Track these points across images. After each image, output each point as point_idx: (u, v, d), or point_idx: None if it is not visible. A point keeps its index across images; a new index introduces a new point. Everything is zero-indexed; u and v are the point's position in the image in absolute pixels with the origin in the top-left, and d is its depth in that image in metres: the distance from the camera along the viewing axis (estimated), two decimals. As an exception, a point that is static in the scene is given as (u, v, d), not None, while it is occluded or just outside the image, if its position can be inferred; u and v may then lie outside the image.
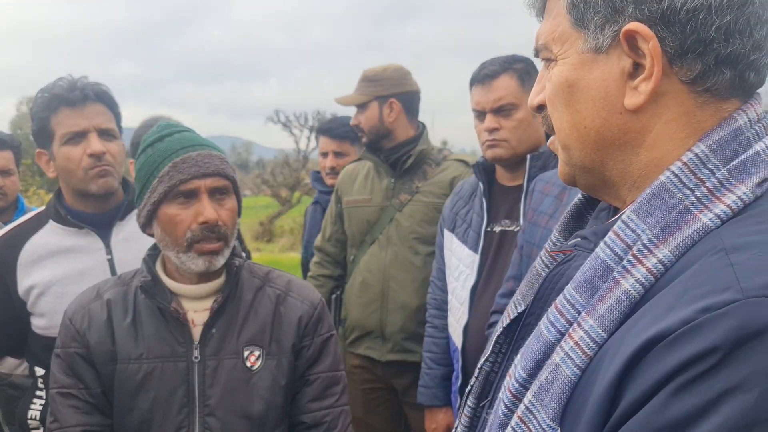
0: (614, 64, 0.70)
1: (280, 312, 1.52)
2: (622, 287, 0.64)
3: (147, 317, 1.46)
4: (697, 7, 0.65)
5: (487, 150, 2.10)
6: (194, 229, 1.40)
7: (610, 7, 0.69)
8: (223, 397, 1.43)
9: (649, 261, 0.64)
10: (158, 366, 1.43)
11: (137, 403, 1.42)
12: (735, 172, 0.65)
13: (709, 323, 0.54)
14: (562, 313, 0.68)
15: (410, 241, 2.53)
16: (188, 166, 1.39)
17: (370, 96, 2.60)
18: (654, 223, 0.65)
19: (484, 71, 2.10)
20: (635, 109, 0.69)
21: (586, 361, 0.63)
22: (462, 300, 2.14)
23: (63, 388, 1.45)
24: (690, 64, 0.67)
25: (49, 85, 1.82)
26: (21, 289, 1.80)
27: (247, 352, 1.47)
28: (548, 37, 0.77)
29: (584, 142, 0.75)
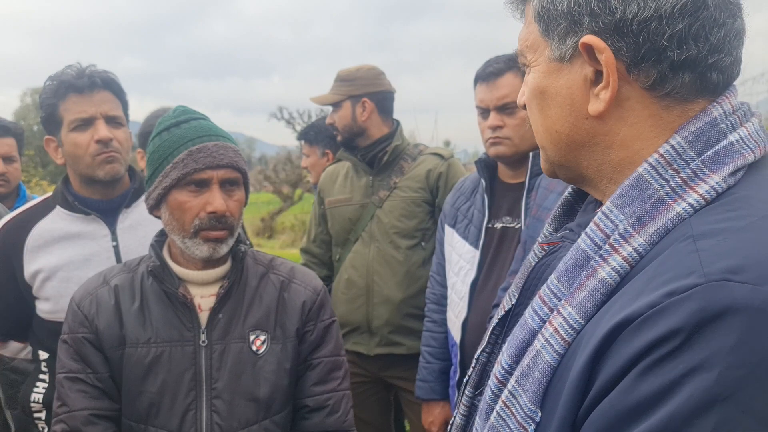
0: (578, 73, 0.74)
1: (284, 298, 1.56)
2: (599, 275, 0.67)
3: (154, 302, 1.49)
4: (648, 17, 0.68)
5: (490, 147, 2.12)
6: (202, 217, 1.44)
7: (570, 19, 0.72)
8: (230, 380, 1.46)
9: (625, 250, 0.67)
10: (166, 350, 1.46)
11: (146, 387, 1.45)
12: (709, 162, 0.68)
13: (672, 306, 0.57)
14: (545, 301, 0.72)
15: (391, 236, 2.58)
16: (203, 156, 1.42)
17: (343, 95, 2.66)
18: (631, 213, 0.68)
19: (489, 69, 2.11)
20: (599, 114, 0.73)
21: (564, 347, 0.67)
22: (461, 295, 2.16)
23: (71, 372, 1.47)
24: (646, 71, 0.70)
25: (58, 72, 1.84)
26: (27, 273, 1.83)
27: (252, 336, 1.50)
28: (523, 44, 0.81)
29: (557, 144, 0.79)
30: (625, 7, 0.68)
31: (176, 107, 1.55)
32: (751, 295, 0.56)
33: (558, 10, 0.73)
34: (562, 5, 0.72)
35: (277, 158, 20.67)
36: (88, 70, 1.83)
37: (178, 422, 1.43)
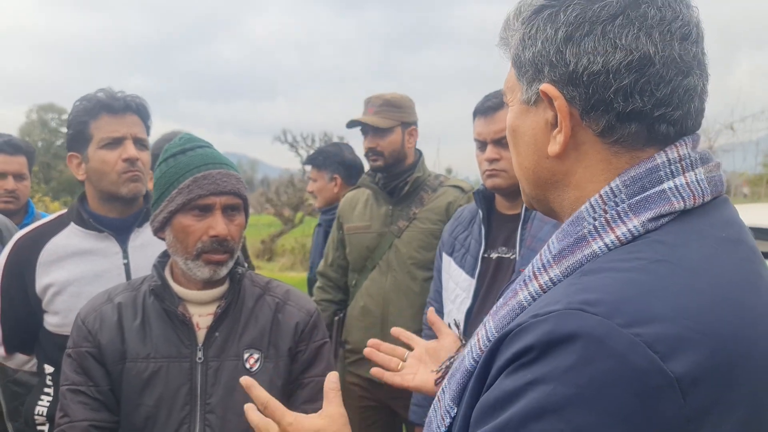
0: (541, 116, 0.81)
1: (278, 318, 1.62)
2: (517, 298, 0.77)
3: (155, 320, 1.56)
4: (597, 71, 0.74)
5: (487, 179, 2.18)
6: (205, 240, 1.51)
7: (534, 67, 0.80)
8: (224, 396, 1.52)
9: (542, 278, 0.75)
10: (164, 365, 1.52)
11: (143, 400, 1.50)
12: (634, 206, 0.73)
13: (532, 326, 0.67)
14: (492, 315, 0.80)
15: (408, 266, 2.61)
16: (208, 182, 1.50)
17: (396, 121, 2.69)
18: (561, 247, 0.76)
19: (488, 103, 2.18)
20: (556, 155, 0.80)
21: (480, 355, 0.75)
22: (457, 323, 2.20)
23: (73, 385, 1.53)
24: (596, 120, 0.76)
25: (90, 94, 1.94)
26: (38, 286, 1.89)
27: (247, 354, 1.56)
28: (506, 84, 0.90)
29: (527, 179, 0.87)
30: (578, 60, 0.75)
31: (182, 135, 1.63)
32: (596, 325, 0.63)
33: (526, 58, 0.80)
34: (528, 54, 0.80)
35: (279, 181, 20.77)
36: (120, 93, 1.93)
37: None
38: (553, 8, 0.78)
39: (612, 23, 0.74)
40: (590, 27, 0.75)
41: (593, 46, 0.74)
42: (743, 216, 0.82)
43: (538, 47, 0.78)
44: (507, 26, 0.87)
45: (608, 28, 0.74)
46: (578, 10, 0.75)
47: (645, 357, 0.61)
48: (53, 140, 35.57)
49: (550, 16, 0.78)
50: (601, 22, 0.74)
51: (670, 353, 0.61)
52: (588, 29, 0.75)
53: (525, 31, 0.81)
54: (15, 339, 1.97)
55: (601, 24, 0.74)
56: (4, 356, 2.00)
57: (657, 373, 0.60)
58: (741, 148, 10.67)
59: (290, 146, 20.35)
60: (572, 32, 0.76)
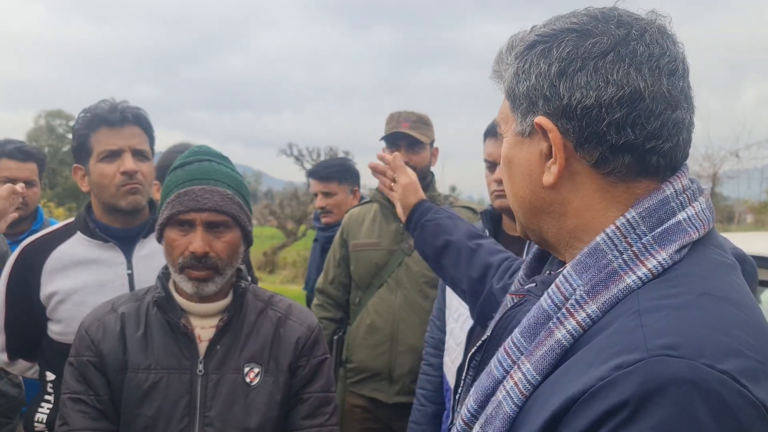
0: (535, 147, 0.84)
1: (279, 333, 1.62)
2: (555, 336, 0.75)
3: (157, 331, 1.56)
4: (590, 105, 0.77)
5: (495, 199, 2.19)
6: (186, 255, 1.52)
7: (529, 101, 0.83)
8: (223, 409, 1.52)
9: (579, 315, 0.74)
10: (164, 376, 1.52)
11: (143, 410, 1.50)
12: (659, 238, 0.75)
13: (620, 380, 0.64)
14: (508, 353, 0.78)
15: (420, 284, 2.59)
16: (188, 199, 1.51)
17: (429, 138, 2.70)
18: (588, 280, 0.76)
19: None
20: (550, 185, 0.82)
21: (522, 400, 0.73)
22: (459, 341, 2.19)
23: (74, 393, 1.53)
24: (590, 151, 0.79)
25: (92, 105, 1.94)
26: (43, 294, 1.89)
27: (247, 368, 1.56)
28: (499, 115, 0.92)
29: (522, 208, 0.89)
30: (571, 94, 0.78)
31: (195, 147, 1.64)
32: (687, 369, 0.62)
33: (520, 91, 0.83)
34: (522, 88, 0.83)
35: (283, 193, 20.81)
36: (120, 105, 1.93)
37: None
38: (545, 44, 0.81)
39: (603, 59, 0.77)
40: (582, 62, 0.78)
41: (586, 80, 0.77)
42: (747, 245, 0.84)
43: (532, 81, 0.81)
44: (500, 60, 0.90)
45: (600, 63, 0.77)
46: (570, 46, 0.79)
47: (737, 392, 0.62)
48: (60, 146, 35.75)
49: (543, 52, 0.81)
50: (593, 58, 0.77)
51: (752, 385, 0.63)
52: (580, 65, 0.78)
53: (519, 66, 0.83)
54: (18, 346, 1.97)
55: (593, 60, 0.77)
56: (6, 362, 2.00)
57: (750, 405, 0.62)
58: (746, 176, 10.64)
59: (295, 159, 20.44)
60: (565, 67, 0.79)
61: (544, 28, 0.83)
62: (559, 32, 0.81)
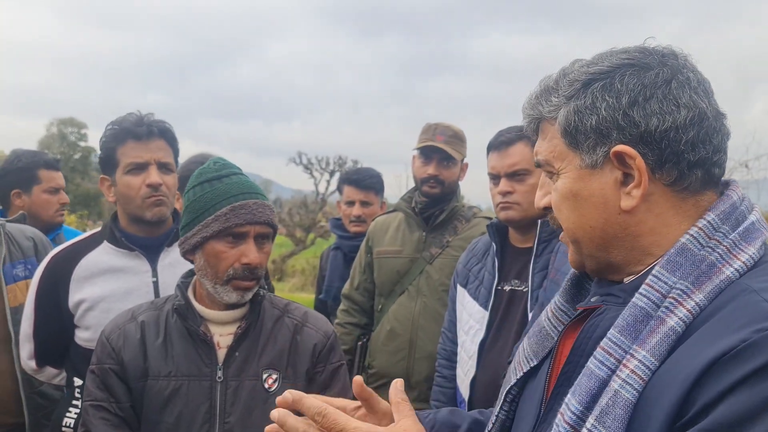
0: (608, 176, 0.89)
1: (296, 340, 1.67)
2: (668, 324, 0.80)
3: (177, 338, 1.60)
4: (668, 128, 0.85)
5: (500, 212, 2.22)
6: (237, 267, 1.56)
7: (598, 133, 0.88)
8: (243, 415, 1.56)
9: (688, 303, 0.81)
10: (185, 383, 1.56)
11: (164, 417, 1.54)
12: (744, 236, 0.85)
13: (763, 340, 0.71)
14: (609, 353, 0.83)
15: (439, 293, 2.64)
16: (245, 212, 1.55)
17: (461, 155, 2.75)
18: (685, 274, 0.83)
19: (501, 138, 2.24)
20: (630, 209, 0.88)
21: (642, 385, 0.78)
22: (471, 354, 2.22)
23: (95, 401, 1.58)
24: (669, 171, 0.86)
25: (119, 118, 2.01)
26: (71, 302, 1.95)
27: (265, 374, 1.60)
28: (548, 155, 0.96)
29: (591, 238, 0.93)
30: (648, 121, 0.85)
31: (216, 159, 1.67)
32: None
33: (587, 126, 0.88)
34: (591, 122, 0.88)
35: (292, 202, 20.90)
36: (146, 119, 1.99)
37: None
38: (603, 80, 0.88)
39: (669, 86, 0.86)
40: (651, 91, 0.86)
41: (659, 107, 0.85)
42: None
43: (602, 114, 0.87)
44: (537, 103, 0.95)
45: (666, 91, 0.86)
46: (635, 78, 0.86)
47: None
48: (72, 154, 35.95)
49: (605, 87, 0.87)
50: (659, 86, 0.86)
51: None
52: (649, 93, 0.86)
53: (579, 104, 0.89)
54: (47, 353, 2.03)
55: (659, 88, 0.86)
56: (35, 369, 2.05)
57: None
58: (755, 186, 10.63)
59: (305, 168, 20.49)
60: (635, 97, 0.86)
61: (594, 66, 0.89)
62: (616, 68, 0.88)
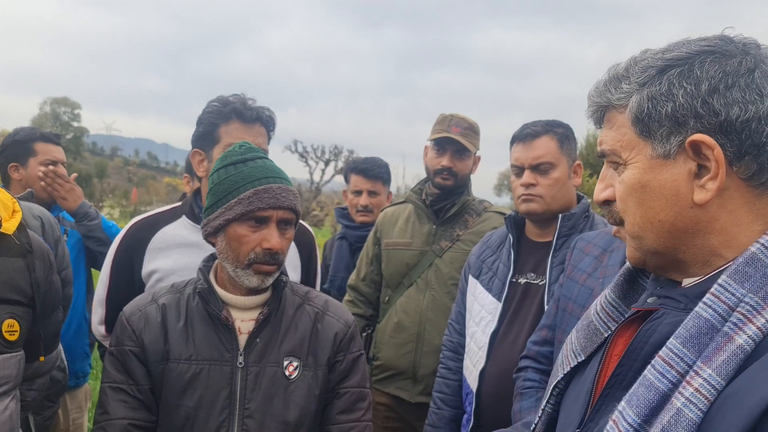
0: (682, 167, 0.84)
1: (317, 328, 1.65)
2: (736, 342, 0.75)
3: (198, 322, 1.58)
4: (750, 118, 0.80)
5: (521, 204, 2.20)
6: (258, 251, 1.54)
7: (674, 121, 0.84)
8: (263, 401, 1.53)
9: (759, 320, 0.75)
10: (206, 368, 1.53)
11: (184, 401, 1.52)
12: None
13: None
14: (671, 365, 0.78)
15: (449, 286, 2.61)
16: (268, 196, 1.53)
17: (476, 148, 2.70)
18: (755, 288, 0.77)
19: (527, 131, 2.21)
20: (703, 203, 0.83)
21: (707, 405, 0.74)
22: (481, 345, 2.21)
23: (114, 383, 1.55)
24: (748, 164, 0.81)
25: (224, 97, 2.01)
26: (145, 271, 1.95)
27: (286, 362, 1.58)
28: (615, 144, 0.91)
29: (658, 233, 0.88)
30: (728, 109, 0.80)
31: (242, 143, 1.64)
32: None
33: (661, 114, 0.84)
34: (666, 109, 0.83)
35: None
36: (254, 103, 2.00)
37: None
38: (680, 66, 0.83)
39: (752, 75, 0.81)
40: (733, 80, 0.81)
41: (741, 96, 0.80)
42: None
43: (679, 101, 0.82)
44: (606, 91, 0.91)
45: (749, 80, 0.81)
46: (716, 65, 0.82)
47: None
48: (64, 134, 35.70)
49: (683, 73, 0.83)
50: (742, 75, 0.81)
51: None
52: (731, 81, 0.81)
53: (654, 90, 0.84)
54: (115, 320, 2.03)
55: (742, 77, 0.81)
56: (104, 335, 2.04)
57: None
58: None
59: (300, 156, 20.45)
60: (716, 85, 0.81)
61: (670, 53, 0.85)
62: (696, 54, 0.83)
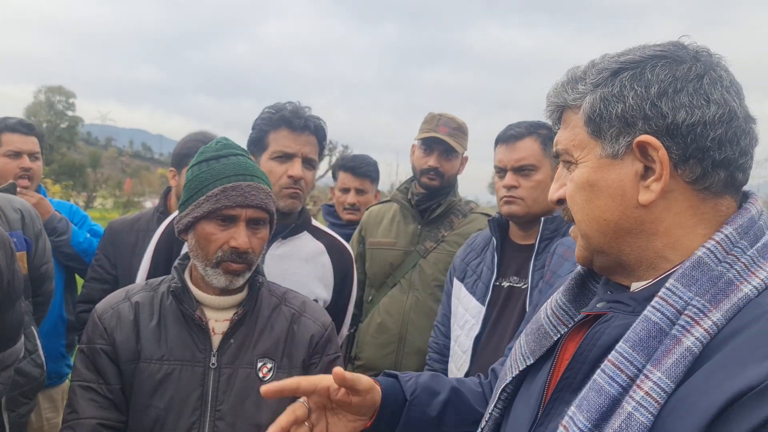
0: (629, 168, 0.86)
1: (293, 330, 1.63)
2: (684, 344, 0.76)
3: (172, 322, 1.55)
4: (696, 122, 0.82)
5: (503, 206, 2.18)
6: (225, 249, 1.52)
7: (623, 122, 0.85)
8: (235, 404, 1.52)
9: (705, 323, 0.77)
10: (177, 368, 1.51)
11: (154, 402, 1.49)
12: (762, 252, 0.81)
13: None
14: (621, 369, 0.79)
15: (432, 288, 2.60)
16: (236, 194, 1.51)
17: (463, 148, 2.68)
18: (701, 291, 0.78)
19: (510, 132, 2.19)
20: (648, 204, 0.84)
21: (658, 408, 0.74)
22: (465, 348, 2.19)
23: (84, 381, 1.53)
24: (692, 168, 0.83)
25: (279, 104, 2.03)
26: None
27: (260, 363, 1.56)
28: (568, 144, 0.92)
29: (603, 231, 0.89)
30: (675, 113, 0.82)
31: (220, 139, 1.63)
32: None
33: (612, 114, 0.85)
34: (616, 110, 0.85)
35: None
36: (305, 112, 2.00)
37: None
38: (633, 69, 0.85)
39: (700, 81, 0.83)
40: (682, 84, 0.83)
41: (689, 100, 0.82)
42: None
43: (629, 103, 0.84)
44: (563, 91, 0.92)
45: (698, 85, 0.83)
46: (666, 69, 0.83)
47: None
48: (58, 122, 35.51)
49: (634, 76, 0.85)
50: (691, 80, 0.83)
51: None
52: (680, 86, 0.83)
53: (606, 91, 0.86)
54: None
55: (690, 82, 0.83)
56: None
57: None
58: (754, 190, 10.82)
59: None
60: (665, 88, 0.83)
61: (625, 56, 0.87)
62: (648, 58, 0.85)
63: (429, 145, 2.65)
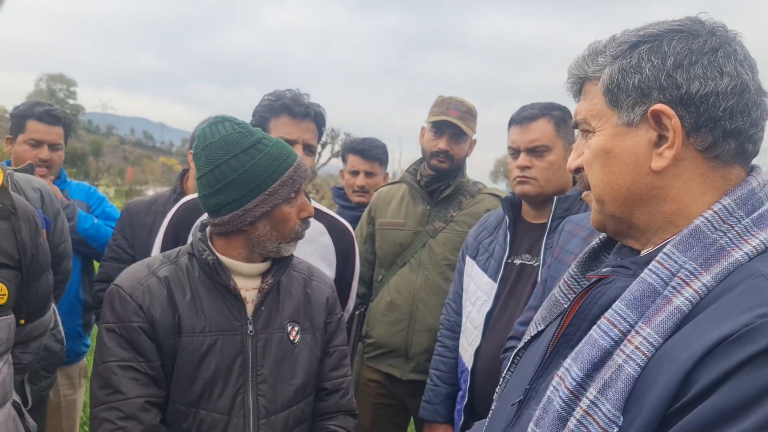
0: (643, 136, 0.90)
1: (308, 293, 1.72)
2: (674, 303, 0.82)
3: (205, 294, 1.58)
4: (708, 93, 0.86)
5: (516, 186, 2.23)
6: (299, 223, 1.64)
7: (639, 92, 0.91)
8: (273, 367, 1.60)
9: (695, 284, 0.82)
10: (219, 338, 1.55)
11: (201, 373, 1.53)
12: (756, 221, 0.85)
13: (765, 325, 0.72)
14: (614, 324, 0.85)
15: (441, 267, 2.64)
16: (303, 170, 1.61)
17: (473, 131, 2.71)
18: (695, 256, 0.84)
19: (524, 113, 2.24)
20: (660, 170, 0.90)
21: (645, 361, 0.80)
22: (476, 324, 2.24)
23: (122, 361, 1.50)
24: (704, 136, 0.88)
25: (279, 92, 2.07)
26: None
27: (289, 327, 1.65)
28: (587, 113, 0.98)
29: (616, 196, 0.95)
30: (690, 84, 0.87)
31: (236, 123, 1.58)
32: None
33: (629, 85, 0.91)
34: (633, 81, 0.90)
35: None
36: (304, 99, 2.05)
37: (228, 405, 1.53)
38: (650, 42, 0.90)
39: (715, 54, 0.88)
40: (697, 57, 0.88)
41: (703, 72, 0.87)
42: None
43: (645, 74, 0.89)
44: (584, 63, 0.98)
45: (712, 58, 0.88)
46: (682, 43, 0.89)
47: None
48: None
49: (652, 49, 0.90)
50: (705, 53, 0.88)
51: None
52: (695, 58, 0.88)
53: (624, 63, 0.91)
54: None
55: (705, 55, 0.88)
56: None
57: None
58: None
59: (297, 138, 20.31)
60: (681, 60, 0.88)
61: (644, 30, 0.92)
62: (666, 32, 0.90)
63: (439, 128, 2.68)
